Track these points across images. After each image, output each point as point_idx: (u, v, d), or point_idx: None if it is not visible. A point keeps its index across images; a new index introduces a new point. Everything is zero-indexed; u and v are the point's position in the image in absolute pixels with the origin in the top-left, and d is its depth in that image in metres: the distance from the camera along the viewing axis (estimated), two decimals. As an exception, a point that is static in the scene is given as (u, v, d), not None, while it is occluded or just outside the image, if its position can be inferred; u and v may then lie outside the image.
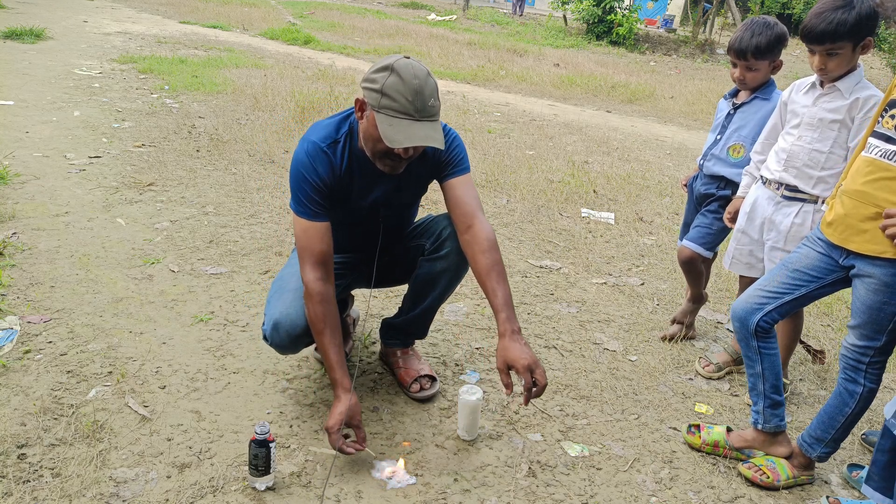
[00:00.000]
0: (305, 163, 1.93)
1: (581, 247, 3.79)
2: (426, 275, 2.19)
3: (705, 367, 2.64)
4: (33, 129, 4.74)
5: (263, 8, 14.44)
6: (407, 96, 1.76)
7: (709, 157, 2.62)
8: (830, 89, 2.11)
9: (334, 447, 1.88)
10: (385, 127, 1.78)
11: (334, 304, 1.97)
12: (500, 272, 1.95)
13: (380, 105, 1.79)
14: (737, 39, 2.42)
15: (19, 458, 1.83)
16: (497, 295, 1.92)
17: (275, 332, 2.01)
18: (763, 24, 2.39)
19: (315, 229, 1.94)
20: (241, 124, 5.40)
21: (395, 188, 2.08)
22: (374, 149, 1.88)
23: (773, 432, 2.09)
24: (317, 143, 1.94)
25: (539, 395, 1.85)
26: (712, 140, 2.64)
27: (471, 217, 2.00)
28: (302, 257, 1.95)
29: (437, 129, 1.84)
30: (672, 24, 18.85)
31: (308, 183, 1.93)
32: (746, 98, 2.55)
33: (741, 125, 2.55)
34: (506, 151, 5.53)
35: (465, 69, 9.71)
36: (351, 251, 2.24)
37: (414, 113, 1.78)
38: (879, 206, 1.77)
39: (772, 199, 2.30)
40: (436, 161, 2.04)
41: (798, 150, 2.19)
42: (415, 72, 1.78)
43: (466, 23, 16.97)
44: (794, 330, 2.44)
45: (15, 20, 8.74)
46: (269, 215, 3.70)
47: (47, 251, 3.01)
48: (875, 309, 1.82)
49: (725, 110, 2.62)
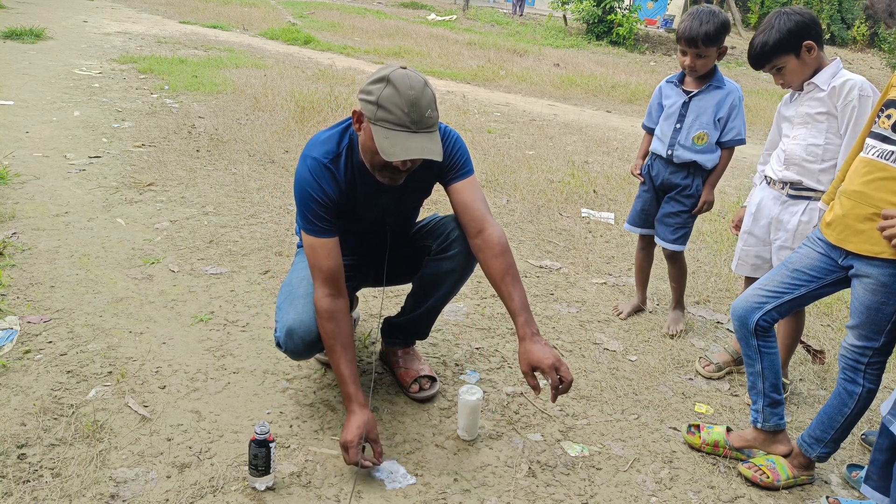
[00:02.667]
0: (310, 181, 1.91)
1: (581, 247, 3.79)
2: (432, 275, 2.19)
3: (706, 367, 2.64)
4: (33, 129, 4.74)
5: (263, 8, 14.44)
6: (403, 108, 1.75)
7: (676, 147, 2.70)
8: (809, 87, 2.21)
9: (352, 462, 1.86)
10: (381, 140, 1.77)
11: (346, 320, 1.96)
12: (514, 275, 1.95)
13: (376, 117, 1.77)
14: (686, 28, 2.53)
15: (19, 458, 1.83)
16: (514, 298, 1.92)
17: (289, 339, 2.00)
18: (710, 12, 2.53)
19: (322, 246, 1.93)
20: (241, 124, 5.40)
21: (399, 197, 2.07)
22: (373, 161, 1.87)
23: (772, 431, 2.09)
24: (319, 160, 1.92)
25: (566, 391, 1.86)
26: (672, 129, 2.71)
27: (480, 221, 2.00)
28: (312, 275, 1.96)
29: (434, 140, 1.82)
30: (672, 24, 18.83)
31: (314, 200, 1.91)
32: (698, 87, 2.66)
33: (700, 114, 2.66)
34: (506, 151, 5.53)
35: (465, 69, 9.71)
36: (355, 255, 2.24)
37: (410, 125, 1.76)
38: (877, 206, 1.78)
39: (777, 198, 2.34)
40: (439, 166, 2.03)
41: (795, 148, 2.26)
42: (411, 83, 1.76)
43: (466, 23, 16.97)
44: (795, 330, 2.45)
45: (15, 20, 8.74)
46: (269, 215, 3.70)
47: (47, 251, 3.01)
48: (873, 309, 1.82)
49: (678, 98, 2.70)
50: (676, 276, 2.94)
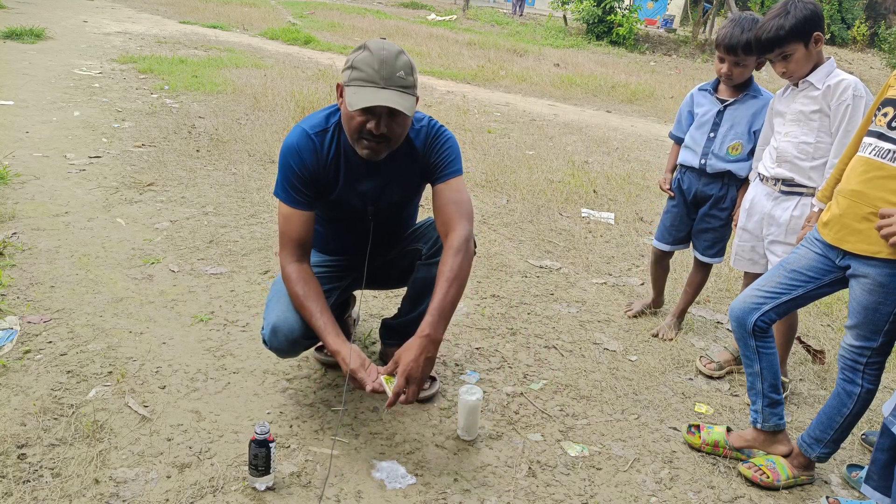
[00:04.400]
0: (292, 149, 1.96)
1: (581, 247, 3.79)
2: (423, 279, 2.19)
3: (707, 365, 2.64)
4: (33, 129, 4.74)
5: (263, 8, 14.44)
6: (373, 65, 1.79)
7: (710, 157, 2.64)
8: (804, 84, 2.21)
9: (367, 383, 1.84)
10: (350, 96, 1.80)
11: (313, 280, 1.99)
12: (451, 278, 1.90)
13: (349, 79, 1.82)
14: (726, 35, 2.45)
15: (19, 458, 1.83)
16: (436, 298, 1.90)
17: (273, 336, 2.01)
18: (752, 20, 2.42)
19: (296, 216, 1.98)
20: (241, 124, 5.40)
21: (382, 184, 2.07)
22: (350, 128, 1.88)
23: (772, 431, 2.09)
24: (305, 130, 1.97)
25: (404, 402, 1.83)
26: (705, 138, 2.64)
27: (449, 223, 1.98)
28: (281, 242, 2.00)
29: (405, 98, 1.82)
30: (672, 24, 18.85)
31: (292, 171, 1.96)
32: (734, 95, 2.59)
33: (734, 123, 2.59)
34: (506, 151, 5.53)
35: (465, 69, 9.71)
36: (345, 253, 2.24)
37: (379, 80, 1.79)
38: (874, 205, 1.77)
39: (770, 194, 2.36)
40: (425, 161, 2.03)
41: (787, 146, 2.27)
42: (384, 45, 1.82)
43: (466, 23, 16.97)
44: (789, 329, 2.45)
45: (15, 20, 8.74)
46: (269, 215, 3.70)
47: (47, 251, 3.01)
48: (871, 309, 1.82)
49: (711, 107, 2.63)
50: (697, 284, 2.90)
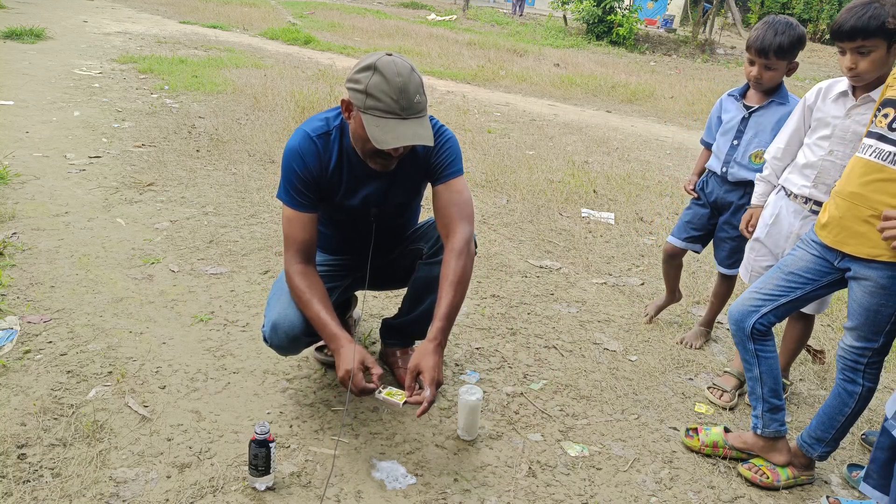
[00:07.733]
0: (295, 152, 1.96)
1: (581, 247, 3.79)
2: (424, 278, 2.19)
3: (721, 398, 2.45)
4: (33, 129, 4.74)
5: (263, 8, 14.44)
6: (392, 95, 1.76)
7: (731, 164, 2.55)
8: (864, 100, 1.98)
9: (358, 387, 1.84)
10: (373, 128, 1.78)
11: (316, 276, 2.00)
12: (455, 282, 1.92)
13: (366, 106, 1.79)
14: (759, 37, 2.33)
15: (19, 458, 1.83)
16: (442, 303, 1.91)
17: (273, 333, 2.01)
18: (786, 23, 2.32)
19: (299, 219, 1.98)
20: (241, 124, 5.40)
21: (385, 187, 2.08)
22: (364, 148, 1.89)
23: (772, 437, 2.07)
24: (308, 133, 1.97)
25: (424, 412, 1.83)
26: (728, 145, 2.56)
27: (450, 224, 2.00)
28: (285, 245, 2.00)
29: (424, 125, 1.84)
30: (672, 24, 18.84)
31: (295, 173, 1.95)
32: (761, 102, 2.48)
33: (759, 131, 2.48)
34: (506, 151, 5.53)
35: (465, 69, 9.71)
36: (347, 253, 2.24)
37: (400, 112, 1.78)
38: (875, 208, 1.76)
39: (798, 212, 2.20)
40: (426, 162, 2.04)
41: (829, 167, 2.07)
42: (398, 69, 1.78)
43: (466, 23, 16.97)
44: (802, 336, 2.42)
45: (15, 20, 8.74)
46: (269, 215, 3.70)
47: (47, 251, 3.01)
48: (872, 311, 1.81)
49: (737, 113, 2.54)
50: (722, 295, 2.82)
